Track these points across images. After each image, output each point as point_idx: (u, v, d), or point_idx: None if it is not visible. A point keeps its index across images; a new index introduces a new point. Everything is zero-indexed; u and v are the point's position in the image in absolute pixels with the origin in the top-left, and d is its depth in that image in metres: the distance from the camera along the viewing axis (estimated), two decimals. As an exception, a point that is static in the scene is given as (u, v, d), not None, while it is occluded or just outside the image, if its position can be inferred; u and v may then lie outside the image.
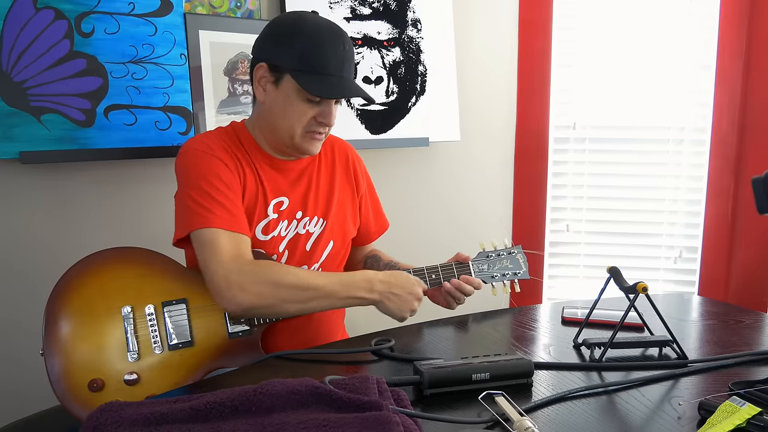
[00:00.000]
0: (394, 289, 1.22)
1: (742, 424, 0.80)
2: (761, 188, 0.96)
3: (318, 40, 1.19)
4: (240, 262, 1.16)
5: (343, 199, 1.39)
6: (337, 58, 1.20)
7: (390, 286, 1.22)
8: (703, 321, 1.33)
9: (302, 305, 1.18)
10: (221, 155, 1.23)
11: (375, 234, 1.50)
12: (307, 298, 1.17)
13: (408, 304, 1.23)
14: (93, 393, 1.11)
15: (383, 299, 1.21)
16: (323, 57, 1.19)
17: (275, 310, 1.18)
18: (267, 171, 1.28)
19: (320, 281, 1.19)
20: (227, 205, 1.19)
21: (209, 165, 1.21)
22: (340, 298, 1.19)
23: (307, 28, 1.20)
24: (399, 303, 1.22)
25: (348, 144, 1.46)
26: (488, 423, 0.84)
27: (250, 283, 1.13)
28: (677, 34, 2.21)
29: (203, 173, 1.20)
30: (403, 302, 1.22)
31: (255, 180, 1.27)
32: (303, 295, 1.17)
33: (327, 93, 1.20)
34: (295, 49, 1.19)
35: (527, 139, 2.31)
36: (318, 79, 1.19)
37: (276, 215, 1.28)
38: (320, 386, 0.83)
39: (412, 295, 1.23)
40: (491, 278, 1.36)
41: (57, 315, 1.14)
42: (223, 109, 1.71)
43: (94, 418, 0.77)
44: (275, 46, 1.21)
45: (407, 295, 1.22)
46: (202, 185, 1.19)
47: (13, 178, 1.49)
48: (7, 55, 1.41)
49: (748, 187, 2.18)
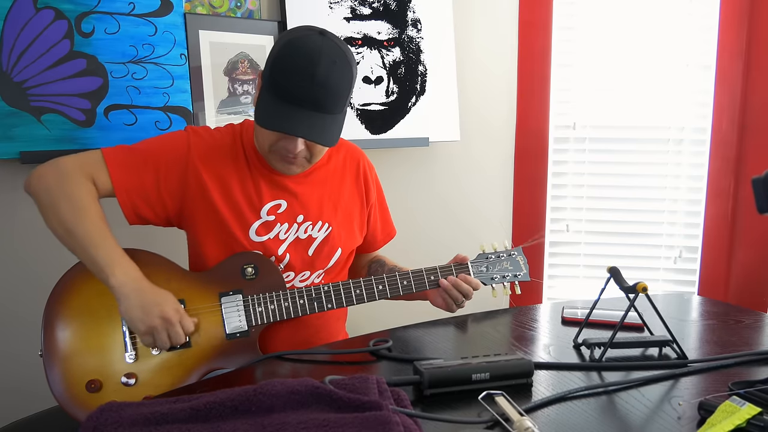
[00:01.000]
0: (141, 294, 1.09)
1: (742, 424, 0.80)
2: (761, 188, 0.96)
3: (284, 60, 1.13)
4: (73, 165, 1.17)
5: (351, 206, 1.37)
6: (300, 87, 1.11)
7: (140, 291, 1.10)
8: (703, 321, 1.33)
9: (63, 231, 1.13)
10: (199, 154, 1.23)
11: (381, 242, 1.49)
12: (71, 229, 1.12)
13: (148, 315, 1.08)
14: (91, 393, 1.11)
15: (122, 293, 1.09)
16: (285, 81, 1.12)
17: (46, 212, 1.15)
18: (265, 173, 1.27)
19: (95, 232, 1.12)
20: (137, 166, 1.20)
21: (172, 148, 1.23)
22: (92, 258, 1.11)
23: (285, 43, 1.14)
24: (137, 311, 1.09)
25: (360, 151, 1.43)
26: (488, 423, 0.84)
27: (51, 177, 1.15)
28: (677, 34, 2.21)
29: (161, 145, 1.23)
30: (143, 311, 1.08)
31: (248, 181, 1.26)
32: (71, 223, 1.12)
33: (270, 124, 1.14)
34: (268, 63, 1.17)
35: (527, 138, 2.31)
36: (276, 107, 1.13)
37: (272, 217, 1.27)
38: (320, 386, 0.83)
39: (158, 307, 1.09)
40: (491, 280, 1.36)
41: (56, 316, 1.14)
42: (223, 109, 1.71)
43: (94, 419, 0.77)
44: (269, 55, 1.18)
45: (151, 306, 1.09)
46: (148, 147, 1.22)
47: (13, 178, 1.49)
48: (7, 55, 1.41)
49: (748, 187, 2.18)
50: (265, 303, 1.22)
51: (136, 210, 1.21)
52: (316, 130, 1.14)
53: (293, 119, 1.13)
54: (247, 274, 1.22)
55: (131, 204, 1.20)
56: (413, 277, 1.30)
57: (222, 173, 1.24)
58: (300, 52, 1.12)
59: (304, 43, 1.13)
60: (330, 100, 1.14)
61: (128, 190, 1.19)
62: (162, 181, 1.21)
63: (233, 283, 1.22)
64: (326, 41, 1.14)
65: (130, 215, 1.21)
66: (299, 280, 1.31)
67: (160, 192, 1.21)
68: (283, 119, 1.13)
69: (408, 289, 1.30)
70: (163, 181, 1.21)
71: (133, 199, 1.20)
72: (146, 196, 1.21)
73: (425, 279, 1.31)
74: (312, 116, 1.13)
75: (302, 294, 1.24)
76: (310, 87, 1.11)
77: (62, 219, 1.13)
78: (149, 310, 1.09)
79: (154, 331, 1.10)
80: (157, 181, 1.21)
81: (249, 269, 1.22)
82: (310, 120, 1.13)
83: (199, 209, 1.23)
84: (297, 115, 1.13)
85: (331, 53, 1.13)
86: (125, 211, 1.20)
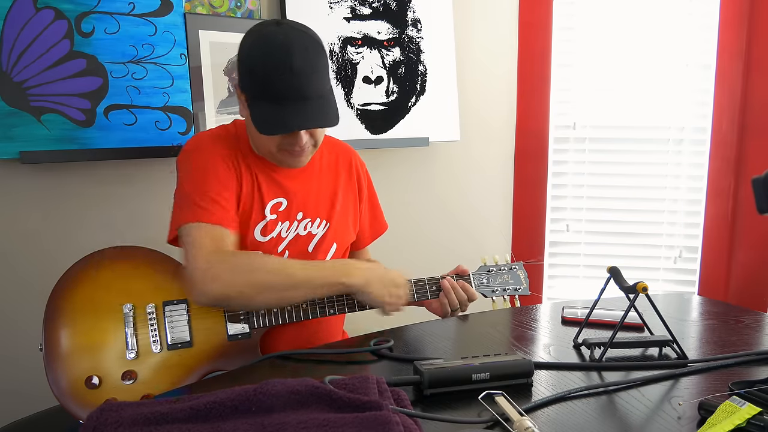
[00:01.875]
0: (374, 273, 1.20)
1: (742, 424, 0.80)
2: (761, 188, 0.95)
3: (259, 64, 1.14)
4: (221, 254, 1.14)
5: (346, 203, 1.39)
6: (282, 82, 1.12)
7: (371, 271, 1.20)
8: (703, 321, 1.33)
9: (278, 294, 1.14)
10: (222, 152, 1.23)
11: (369, 238, 1.49)
12: (283, 286, 1.14)
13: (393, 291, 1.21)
14: (90, 390, 1.11)
15: (365, 283, 1.18)
16: (266, 82, 1.14)
17: (247, 300, 1.14)
18: (264, 171, 1.28)
19: (295, 268, 1.16)
20: (220, 201, 1.18)
21: (209, 162, 1.21)
22: (317, 285, 1.16)
23: (252, 46, 1.16)
24: (382, 289, 1.20)
25: (351, 149, 1.45)
26: (488, 423, 0.84)
27: (223, 272, 1.11)
28: (677, 34, 2.21)
29: (202, 170, 1.20)
30: (386, 287, 1.21)
31: (251, 180, 1.26)
32: (277, 283, 1.13)
33: (272, 130, 1.16)
34: (243, 71, 1.18)
35: (527, 138, 2.31)
36: (270, 111, 1.15)
37: (275, 216, 1.28)
38: (320, 386, 0.83)
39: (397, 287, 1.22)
40: (492, 292, 1.36)
41: (58, 310, 1.14)
42: (223, 109, 1.71)
43: (94, 418, 0.77)
44: (238, 67, 1.20)
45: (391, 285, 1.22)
46: (198, 182, 1.19)
47: (13, 178, 1.49)
48: (7, 55, 1.41)
49: (748, 187, 2.18)
50: None
51: None
52: (314, 116, 1.16)
53: (289, 116, 1.14)
54: None
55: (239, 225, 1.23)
56: (415, 287, 1.30)
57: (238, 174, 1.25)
58: (270, 50, 1.13)
59: (270, 40, 1.14)
60: (314, 85, 1.16)
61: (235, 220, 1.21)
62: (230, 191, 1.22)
63: None
64: (289, 30, 1.16)
65: None
66: None
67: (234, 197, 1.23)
68: (281, 121, 1.14)
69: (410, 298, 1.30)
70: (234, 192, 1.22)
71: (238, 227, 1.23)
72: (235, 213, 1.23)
73: (427, 289, 1.31)
74: (305, 105, 1.15)
75: None
76: (292, 79, 1.12)
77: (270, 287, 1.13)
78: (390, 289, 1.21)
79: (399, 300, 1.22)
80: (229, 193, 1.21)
81: None
82: (305, 110, 1.15)
83: None
84: (291, 111, 1.14)
85: (300, 41, 1.14)
86: None
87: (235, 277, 1.11)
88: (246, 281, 1.12)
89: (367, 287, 1.19)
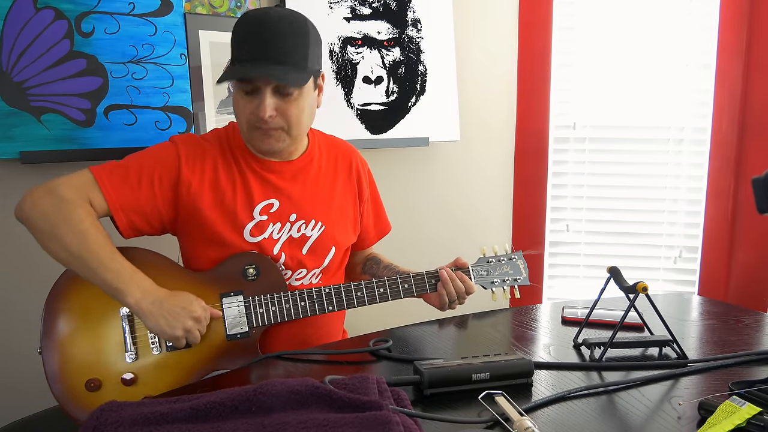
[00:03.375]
0: (165, 303, 1.11)
1: (742, 424, 0.80)
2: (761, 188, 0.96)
3: (237, 29, 1.19)
4: (66, 186, 1.14)
5: (345, 204, 1.38)
6: (252, 43, 1.16)
7: (162, 301, 1.11)
8: (703, 321, 1.33)
9: (67, 256, 1.11)
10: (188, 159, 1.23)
11: (374, 238, 1.49)
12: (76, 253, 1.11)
13: (179, 321, 1.11)
14: (90, 393, 1.11)
15: (147, 312, 1.10)
16: (243, 45, 1.17)
17: (44, 238, 1.12)
18: (256, 173, 1.27)
19: (103, 253, 1.11)
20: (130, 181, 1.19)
21: (162, 159, 1.22)
22: (105, 281, 1.10)
23: (241, 18, 1.19)
24: (169, 319, 1.11)
25: (353, 148, 1.44)
26: (488, 423, 0.84)
27: (46, 201, 1.12)
28: (677, 34, 2.21)
29: (150, 158, 1.22)
30: (174, 318, 1.11)
31: (240, 182, 1.25)
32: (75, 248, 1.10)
33: (230, 76, 1.17)
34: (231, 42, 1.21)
35: (527, 138, 2.31)
36: (236, 67, 1.18)
37: (265, 217, 1.27)
38: (320, 386, 0.83)
39: (186, 311, 1.12)
40: (491, 284, 1.36)
41: (55, 314, 1.14)
42: (223, 109, 1.71)
43: (94, 418, 0.77)
44: None
45: (180, 310, 1.12)
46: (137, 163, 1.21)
47: (13, 178, 1.49)
48: (7, 55, 1.41)
49: (748, 187, 2.18)
50: (266, 304, 1.22)
51: (132, 225, 1.20)
52: (273, 72, 1.15)
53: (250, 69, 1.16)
54: (248, 275, 1.22)
55: (128, 221, 1.19)
56: (415, 280, 1.30)
57: (213, 177, 1.24)
58: (250, 17, 1.18)
59: (256, 11, 1.19)
60: (283, 50, 1.16)
61: (124, 209, 1.18)
62: (157, 193, 1.20)
63: (234, 284, 1.22)
64: (275, 7, 1.20)
65: (126, 231, 1.21)
66: (295, 278, 1.31)
67: (156, 204, 1.21)
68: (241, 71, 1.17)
69: (409, 292, 1.30)
70: (158, 192, 1.20)
71: (130, 216, 1.19)
72: (142, 210, 1.20)
73: (426, 282, 1.31)
74: (267, 64, 1.16)
75: (303, 296, 1.24)
76: (261, 38, 1.15)
77: (65, 244, 1.11)
78: (175, 316, 1.11)
79: (188, 335, 1.13)
80: (152, 194, 1.20)
81: (250, 270, 1.22)
82: (269, 68, 1.15)
83: (193, 215, 1.23)
84: (256, 67, 1.16)
85: (281, 13, 1.18)
86: (121, 228, 1.20)
87: (47, 213, 1.12)
88: (50, 223, 1.11)
89: (151, 318, 1.11)
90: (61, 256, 1.12)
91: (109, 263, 1.11)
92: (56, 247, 1.11)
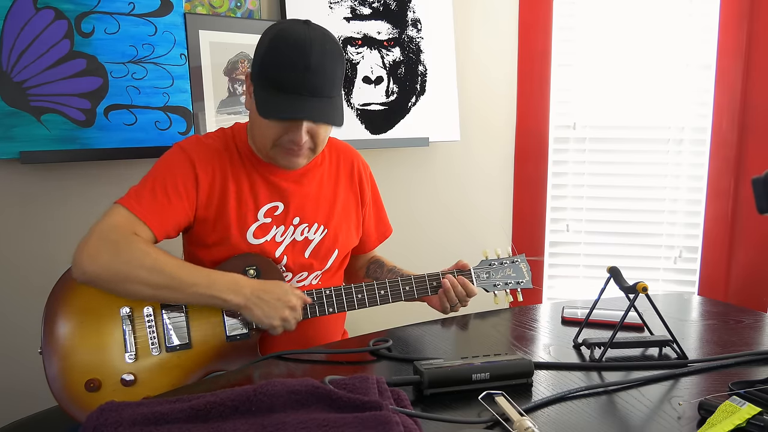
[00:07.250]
0: (262, 294, 1.16)
1: (742, 424, 0.80)
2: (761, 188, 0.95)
3: (275, 53, 1.15)
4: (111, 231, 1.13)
5: (347, 208, 1.38)
6: (296, 76, 1.13)
7: (259, 292, 1.16)
8: (703, 321, 1.33)
9: (153, 291, 1.13)
10: (199, 160, 1.23)
11: (375, 242, 1.49)
12: (160, 284, 1.12)
13: (277, 311, 1.16)
14: (90, 393, 1.11)
15: (249, 304, 1.15)
16: (279, 73, 1.14)
17: (120, 287, 1.12)
18: (263, 174, 1.27)
19: (182, 272, 1.14)
20: (159, 200, 1.18)
21: (176, 166, 1.22)
22: (199, 294, 1.14)
23: (273, 37, 1.16)
24: (267, 309, 1.15)
25: (355, 151, 1.44)
26: (488, 423, 0.84)
27: (103, 252, 1.11)
28: (677, 34, 2.21)
29: (165, 171, 1.21)
30: (272, 309, 1.16)
31: (245, 184, 1.26)
32: (155, 280, 1.12)
33: (276, 114, 1.16)
34: (257, 60, 1.18)
35: (527, 139, 2.31)
36: (276, 98, 1.15)
37: (269, 219, 1.27)
38: (320, 386, 0.83)
39: (282, 301, 1.16)
40: (493, 287, 1.35)
41: (56, 314, 1.14)
42: (223, 109, 1.71)
43: (94, 418, 0.77)
44: (255, 55, 1.21)
45: (276, 302, 1.16)
46: (156, 180, 1.20)
47: (13, 178, 1.49)
48: (7, 55, 1.41)
49: (748, 187, 2.18)
50: None
51: (167, 236, 1.22)
52: (320, 113, 1.17)
53: (296, 106, 1.14)
54: (249, 276, 1.22)
55: (165, 235, 1.21)
56: (415, 283, 1.30)
57: (222, 177, 1.24)
58: (290, 43, 1.14)
59: (292, 34, 1.15)
60: (327, 85, 1.16)
61: (165, 229, 1.20)
62: (185, 200, 1.21)
63: None
64: (312, 30, 1.16)
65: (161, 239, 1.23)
66: (296, 281, 1.31)
67: (186, 210, 1.22)
68: (287, 108, 1.15)
69: (410, 294, 1.30)
70: (185, 198, 1.21)
71: (168, 231, 1.21)
72: (177, 222, 1.22)
73: (427, 285, 1.31)
74: (312, 101, 1.15)
75: None
76: (306, 75, 1.13)
77: (145, 283, 1.12)
78: (273, 307, 1.16)
79: (285, 323, 1.18)
80: (181, 203, 1.21)
81: (251, 271, 1.22)
82: (312, 105, 1.15)
83: (206, 216, 1.24)
84: (298, 103, 1.14)
85: (321, 40, 1.15)
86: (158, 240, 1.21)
87: (113, 259, 1.10)
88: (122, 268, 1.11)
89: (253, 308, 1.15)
90: (146, 294, 1.13)
91: (192, 278, 1.14)
92: (136, 288, 1.12)
